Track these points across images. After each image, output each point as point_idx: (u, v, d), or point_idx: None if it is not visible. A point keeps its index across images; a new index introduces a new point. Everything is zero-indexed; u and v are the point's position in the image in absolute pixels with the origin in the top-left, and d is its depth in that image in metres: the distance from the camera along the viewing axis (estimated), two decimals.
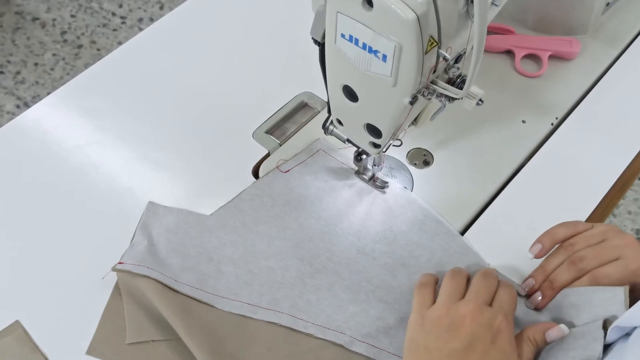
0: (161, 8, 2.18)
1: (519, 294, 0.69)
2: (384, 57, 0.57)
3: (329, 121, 0.73)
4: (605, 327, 0.61)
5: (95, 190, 0.79)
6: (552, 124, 0.85)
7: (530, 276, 0.70)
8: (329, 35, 0.60)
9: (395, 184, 0.78)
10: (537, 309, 0.69)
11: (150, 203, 0.77)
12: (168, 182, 0.80)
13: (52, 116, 0.87)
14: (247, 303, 0.70)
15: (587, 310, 0.64)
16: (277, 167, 0.80)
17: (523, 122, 0.85)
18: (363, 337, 0.67)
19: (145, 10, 2.18)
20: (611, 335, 0.59)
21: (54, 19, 2.14)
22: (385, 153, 0.73)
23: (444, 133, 0.83)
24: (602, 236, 0.68)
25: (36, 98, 1.94)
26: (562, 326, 0.63)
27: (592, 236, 0.68)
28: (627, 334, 0.58)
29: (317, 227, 0.75)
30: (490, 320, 0.61)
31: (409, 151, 0.82)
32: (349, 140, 0.73)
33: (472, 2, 0.56)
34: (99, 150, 0.83)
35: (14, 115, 1.90)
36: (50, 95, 0.89)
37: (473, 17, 0.55)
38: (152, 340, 0.67)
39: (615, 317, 0.61)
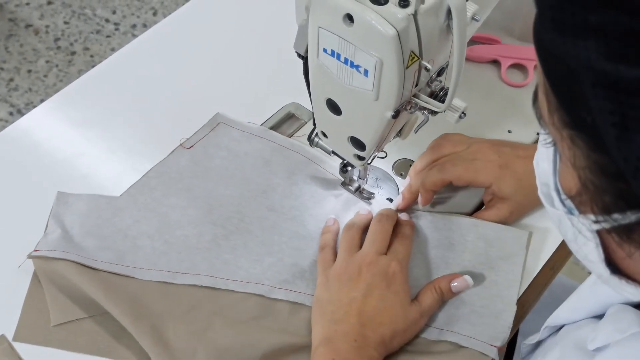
0: (154, 14, 2.19)
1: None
2: (366, 72, 0.57)
3: (314, 133, 0.73)
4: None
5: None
6: (537, 133, 0.85)
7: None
8: (312, 49, 0.60)
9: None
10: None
11: (60, 193, 0.78)
12: None
13: (43, 125, 0.87)
14: (167, 271, 0.72)
15: (496, 245, 0.72)
16: (181, 144, 0.82)
17: (509, 132, 0.85)
18: (281, 284, 0.71)
19: (138, 17, 2.18)
20: (543, 334, 0.63)
21: (47, 26, 2.14)
22: (371, 164, 0.73)
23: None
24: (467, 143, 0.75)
25: (29, 105, 1.94)
26: (466, 277, 0.70)
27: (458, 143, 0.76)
28: (557, 331, 0.62)
29: (226, 192, 0.78)
30: (385, 268, 0.67)
31: (395, 162, 0.82)
32: (334, 152, 0.74)
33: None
34: (89, 161, 0.83)
35: (7, 122, 1.90)
36: (42, 103, 0.89)
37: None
38: (77, 319, 0.69)
39: (517, 256, 0.72)
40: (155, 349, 0.66)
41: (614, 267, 0.40)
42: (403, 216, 0.75)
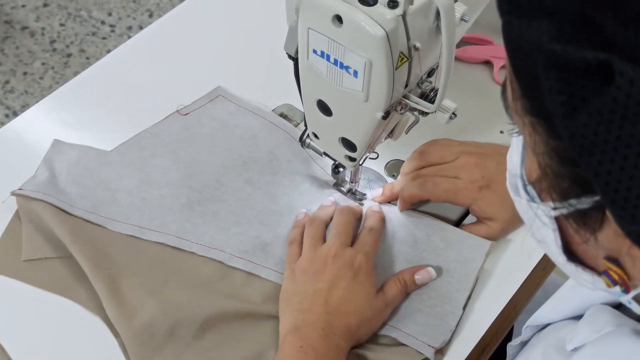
0: (150, 16, 2.19)
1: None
2: (355, 73, 0.57)
3: (306, 134, 0.73)
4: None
5: None
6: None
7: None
8: (302, 50, 0.60)
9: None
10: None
11: (56, 140, 0.82)
12: None
13: (37, 126, 0.87)
14: (137, 226, 0.75)
15: (456, 249, 0.73)
16: (177, 111, 0.85)
17: (501, 132, 0.85)
18: (240, 254, 0.74)
19: (134, 19, 2.18)
20: (525, 334, 0.63)
21: (43, 28, 2.14)
22: (362, 165, 0.74)
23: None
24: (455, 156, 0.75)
25: (25, 107, 1.94)
26: (430, 269, 0.71)
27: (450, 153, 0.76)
28: (540, 331, 0.62)
29: (209, 159, 0.80)
30: (351, 259, 0.68)
31: (388, 163, 0.82)
32: (325, 154, 0.74)
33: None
34: None
35: (2, 125, 1.90)
36: (36, 104, 0.89)
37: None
38: (46, 258, 0.72)
39: (475, 262, 0.72)
40: (107, 295, 0.69)
41: (571, 254, 0.41)
42: (374, 206, 0.76)
